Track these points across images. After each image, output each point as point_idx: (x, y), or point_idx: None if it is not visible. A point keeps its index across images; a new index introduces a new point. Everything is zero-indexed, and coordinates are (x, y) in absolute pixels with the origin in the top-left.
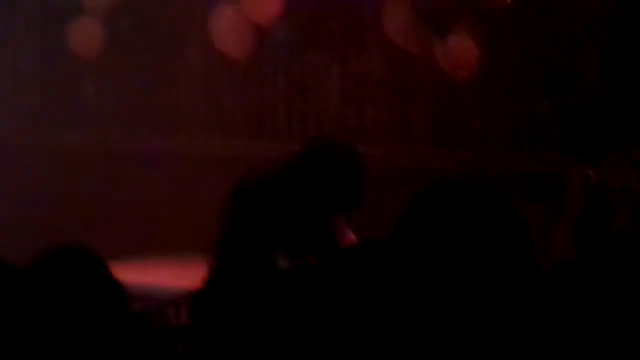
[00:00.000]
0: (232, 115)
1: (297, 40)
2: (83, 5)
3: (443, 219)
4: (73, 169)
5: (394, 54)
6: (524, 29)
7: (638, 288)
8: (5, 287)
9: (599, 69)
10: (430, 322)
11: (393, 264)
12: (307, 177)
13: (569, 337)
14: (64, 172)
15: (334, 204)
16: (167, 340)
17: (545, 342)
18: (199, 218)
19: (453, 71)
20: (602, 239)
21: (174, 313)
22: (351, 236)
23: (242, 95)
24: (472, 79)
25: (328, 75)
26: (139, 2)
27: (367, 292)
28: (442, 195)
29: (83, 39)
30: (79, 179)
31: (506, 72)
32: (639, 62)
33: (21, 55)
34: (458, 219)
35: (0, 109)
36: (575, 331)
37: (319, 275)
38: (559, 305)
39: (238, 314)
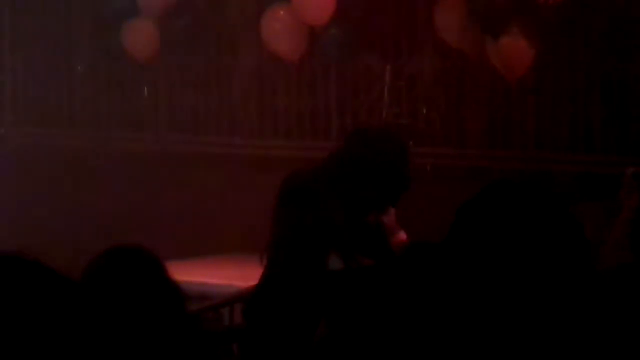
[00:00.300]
0: (284, 116)
1: (349, 41)
2: (138, 5)
3: (498, 220)
4: (129, 170)
5: (447, 54)
6: (578, 30)
7: None
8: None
9: None
10: (486, 325)
11: (447, 267)
12: (349, 164)
13: (623, 337)
14: (121, 173)
15: (381, 189)
16: (221, 341)
17: (599, 341)
18: (253, 219)
19: (506, 72)
20: None
21: (228, 313)
22: (402, 235)
23: (295, 96)
24: (525, 80)
25: (380, 76)
26: (193, 3)
27: (420, 295)
28: (496, 196)
29: (138, 40)
30: (134, 180)
31: (560, 73)
32: None
33: (77, 57)
34: (513, 220)
35: (56, 112)
36: (628, 332)
37: (373, 277)
38: (613, 306)
39: (291, 314)
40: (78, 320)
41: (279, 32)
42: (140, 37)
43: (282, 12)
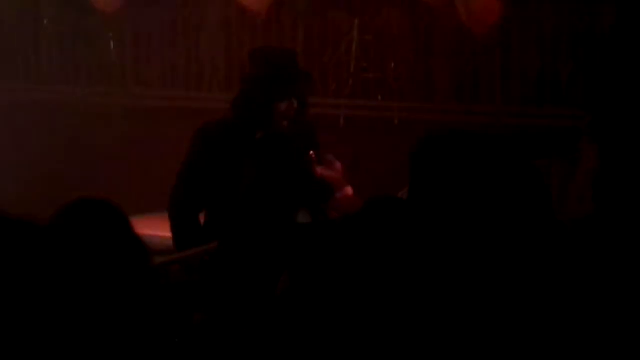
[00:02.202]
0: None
1: None
2: None
3: (458, 171)
4: (92, 125)
5: (415, 8)
6: None
7: None
8: (26, 242)
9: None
10: (447, 275)
11: (408, 220)
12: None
13: (586, 287)
14: (84, 128)
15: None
16: (184, 292)
17: (562, 291)
18: None
19: (474, 25)
20: (617, 190)
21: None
22: (349, 189)
23: None
24: (493, 34)
25: (348, 30)
26: None
27: (383, 247)
28: (455, 146)
29: None
30: (102, 134)
31: (528, 27)
32: None
33: (43, 10)
34: (473, 170)
35: (23, 66)
36: (590, 281)
37: (337, 231)
38: (575, 256)
39: (257, 265)
40: (42, 265)
41: None
42: None
43: None
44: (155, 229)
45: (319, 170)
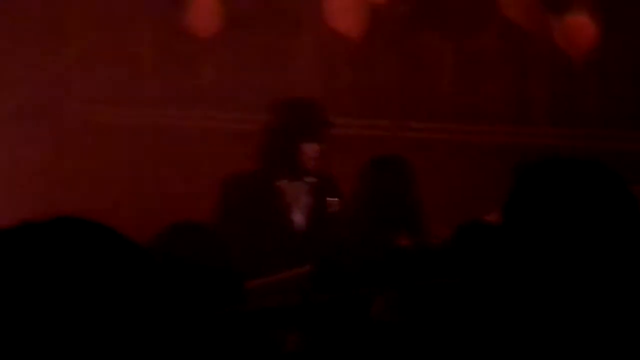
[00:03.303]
0: (346, 94)
1: (411, 18)
2: None
3: (554, 197)
4: (190, 148)
5: (510, 31)
6: None
7: None
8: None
9: None
10: (543, 304)
11: (504, 250)
12: None
13: None
14: (182, 151)
15: None
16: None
17: None
18: None
19: (570, 49)
20: None
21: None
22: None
23: (356, 74)
24: (588, 57)
25: (442, 53)
26: None
27: (480, 275)
28: (552, 172)
29: (201, 17)
30: (195, 158)
31: (624, 51)
32: None
33: (140, 35)
34: (569, 196)
35: (120, 91)
36: None
37: (435, 256)
38: None
39: (352, 287)
40: (141, 284)
41: (341, 9)
42: (203, 14)
43: None
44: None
45: None
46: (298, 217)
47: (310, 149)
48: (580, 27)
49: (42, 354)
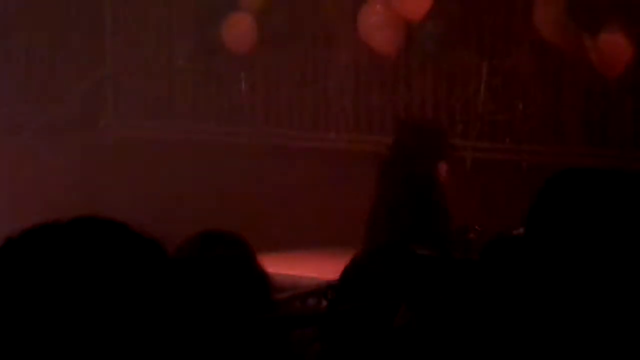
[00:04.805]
0: (379, 111)
1: (446, 36)
2: (238, 1)
3: (576, 207)
4: (224, 163)
5: (545, 50)
6: None
7: None
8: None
9: None
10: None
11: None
12: None
13: None
14: (215, 166)
15: None
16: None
17: None
18: (345, 212)
19: (605, 69)
20: None
21: (315, 303)
22: None
23: (390, 91)
24: (624, 77)
25: (477, 72)
26: None
27: (505, 287)
28: (575, 182)
29: (236, 34)
30: (228, 173)
31: None
32: None
33: (177, 50)
34: (592, 206)
35: (154, 106)
36: None
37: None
38: None
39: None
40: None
41: (376, 26)
42: (239, 31)
43: (379, 7)
44: (282, 268)
45: None
46: None
47: (442, 169)
48: (615, 46)
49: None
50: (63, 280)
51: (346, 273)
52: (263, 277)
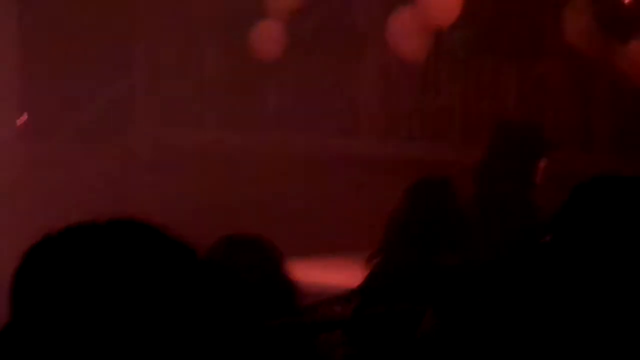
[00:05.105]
0: (408, 118)
1: (475, 43)
2: (265, 7)
3: (608, 216)
4: (254, 170)
5: (574, 58)
6: None
7: None
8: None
9: None
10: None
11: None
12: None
13: None
14: (246, 173)
15: None
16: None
17: None
18: (376, 220)
19: (635, 77)
20: None
21: (342, 309)
22: None
23: (419, 98)
24: None
25: (506, 79)
26: (319, 5)
27: (528, 293)
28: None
29: (265, 41)
30: (259, 180)
31: None
32: None
33: (204, 57)
34: (619, 212)
35: (184, 112)
36: None
37: (482, 274)
38: None
39: (399, 305)
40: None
41: (404, 32)
42: (268, 38)
43: (408, 13)
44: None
45: None
46: None
47: (542, 166)
48: None
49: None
50: (98, 277)
51: (370, 279)
52: (290, 283)
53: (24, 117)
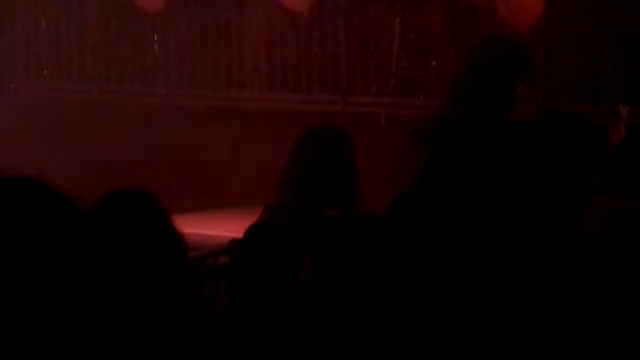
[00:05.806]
0: (293, 70)
1: None
2: None
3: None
4: (137, 124)
5: (456, 6)
6: None
7: None
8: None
9: None
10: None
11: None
12: None
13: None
14: (128, 127)
15: None
16: (210, 278)
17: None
18: (262, 172)
19: (516, 24)
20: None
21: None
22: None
23: (304, 50)
24: (534, 33)
25: (390, 28)
26: None
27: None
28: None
29: None
30: (142, 134)
31: (569, 24)
32: None
33: (88, 10)
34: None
35: (64, 67)
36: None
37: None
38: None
39: (278, 255)
40: (79, 243)
41: None
42: None
43: None
44: (192, 227)
45: None
46: None
47: (520, 87)
48: (526, 1)
49: None
50: None
51: (251, 230)
52: (176, 236)
53: None
